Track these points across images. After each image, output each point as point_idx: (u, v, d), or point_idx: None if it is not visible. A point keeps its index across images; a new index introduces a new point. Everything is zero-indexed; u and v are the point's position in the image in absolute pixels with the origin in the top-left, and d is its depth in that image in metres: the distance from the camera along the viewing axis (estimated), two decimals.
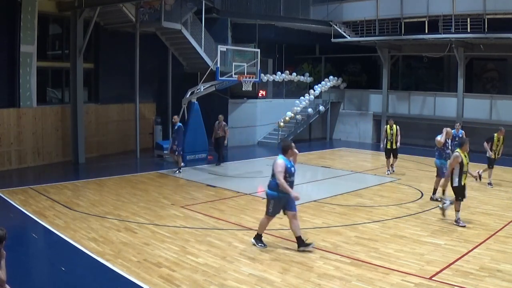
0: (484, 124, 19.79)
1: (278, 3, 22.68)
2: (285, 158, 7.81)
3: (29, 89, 15.57)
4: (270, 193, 7.87)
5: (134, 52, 17.48)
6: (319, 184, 14.26)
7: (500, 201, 11.43)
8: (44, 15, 16.45)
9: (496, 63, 22.30)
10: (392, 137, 14.92)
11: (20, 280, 6.34)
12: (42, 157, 15.97)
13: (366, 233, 8.88)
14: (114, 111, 18.73)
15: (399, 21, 20.69)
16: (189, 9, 19.15)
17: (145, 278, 6.69)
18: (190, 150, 16.82)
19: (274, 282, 6.60)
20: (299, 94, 23.81)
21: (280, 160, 7.76)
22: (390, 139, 14.94)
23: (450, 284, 6.49)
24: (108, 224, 9.28)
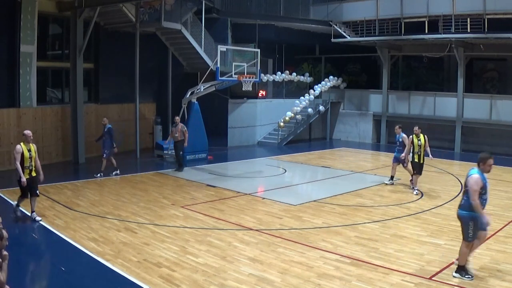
0: (484, 124, 19.79)
1: (278, 3, 22.68)
2: (480, 172, 6.84)
3: (29, 89, 15.57)
4: (466, 214, 6.68)
5: (134, 52, 17.48)
6: (319, 184, 14.26)
7: (500, 201, 11.42)
8: (44, 15, 16.45)
9: (496, 63, 22.28)
10: (420, 149, 12.27)
11: (20, 280, 6.34)
12: (42, 157, 15.80)
13: (366, 233, 8.88)
14: (114, 111, 18.71)
15: (399, 21, 20.69)
16: (189, 9, 19.16)
17: (145, 278, 6.69)
18: (190, 150, 16.82)
19: (274, 282, 6.60)
20: (299, 94, 23.80)
21: (476, 175, 6.74)
22: (418, 152, 12.27)
23: (450, 284, 6.49)
24: (108, 224, 9.29)
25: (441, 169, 15.94)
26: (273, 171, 15.80)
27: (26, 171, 9.27)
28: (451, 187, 13.12)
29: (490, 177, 10.86)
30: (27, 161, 9.26)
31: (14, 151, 9.27)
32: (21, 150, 9.17)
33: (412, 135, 12.32)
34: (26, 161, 9.22)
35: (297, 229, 9.13)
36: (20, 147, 9.20)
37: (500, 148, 19.71)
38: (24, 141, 9.25)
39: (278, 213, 10.32)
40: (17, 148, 9.20)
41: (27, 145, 9.27)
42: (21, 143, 9.25)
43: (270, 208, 10.79)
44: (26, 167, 9.28)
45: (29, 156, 9.28)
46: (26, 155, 9.20)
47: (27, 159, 9.23)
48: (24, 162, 9.20)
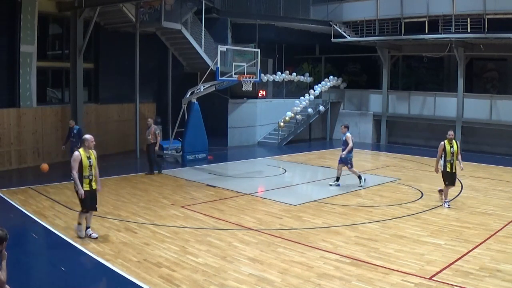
0: (484, 124, 19.79)
1: (278, 3, 22.68)
2: None
3: (29, 89, 15.56)
4: None
5: (134, 52, 17.48)
6: (319, 184, 14.25)
7: (500, 201, 11.42)
8: (44, 15, 16.45)
9: (496, 63, 22.29)
10: (453, 157, 10.74)
11: (20, 280, 6.34)
12: (42, 157, 15.95)
13: (366, 233, 8.88)
14: (114, 111, 18.72)
15: (399, 21, 20.69)
16: (189, 9, 19.16)
17: (145, 278, 6.69)
18: (190, 150, 16.84)
19: (274, 282, 6.60)
20: (299, 94, 23.81)
21: None
22: (450, 160, 10.72)
23: (450, 284, 6.49)
24: (108, 224, 9.28)
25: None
26: (273, 171, 15.80)
27: (86, 181, 8.18)
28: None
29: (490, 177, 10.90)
30: (87, 170, 8.19)
31: (72, 159, 8.17)
32: (79, 157, 8.12)
33: (444, 141, 10.72)
34: (85, 170, 8.16)
35: (297, 229, 9.13)
36: (78, 154, 8.14)
37: (500, 148, 19.73)
38: (84, 147, 8.25)
39: (278, 213, 10.32)
40: (75, 156, 8.13)
41: (87, 152, 8.24)
42: (80, 149, 8.26)
43: (270, 208, 10.79)
44: (86, 177, 8.20)
45: (89, 164, 8.20)
46: (85, 163, 8.15)
47: (86, 167, 8.17)
48: (83, 171, 8.15)
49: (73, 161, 8.10)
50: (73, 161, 8.11)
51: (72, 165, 8.11)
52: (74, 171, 8.08)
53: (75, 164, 8.07)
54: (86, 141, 8.26)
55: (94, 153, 8.35)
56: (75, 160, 8.09)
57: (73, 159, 8.11)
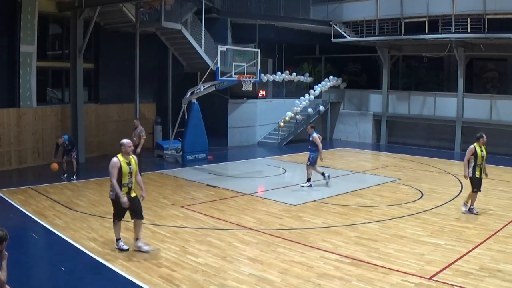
0: (484, 124, 19.78)
1: (278, 3, 22.68)
2: None
3: (29, 89, 15.57)
4: None
5: (134, 52, 17.48)
6: (319, 184, 14.23)
7: (500, 201, 11.42)
8: (44, 15, 16.45)
9: (496, 63, 22.28)
10: (483, 162, 10.15)
11: (20, 280, 6.34)
12: (42, 157, 15.96)
13: (366, 233, 8.88)
14: (114, 111, 18.72)
15: (399, 21, 20.68)
16: (189, 9, 19.15)
17: (145, 278, 6.69)
18: (190, 150, 16.84)
19: (274, 282, 6.60)
20: (299, 94, 23.80)
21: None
22: (480, 165, 10.07)
23: (450, 284, 6.49)
24: (108, 224, 9.27)
25: (441, 169, 15.94)
26: (273, 171, 15.80)
27: (125, 189, 7.61)
28: (451, 187, 13.11)
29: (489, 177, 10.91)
30: (126, 177, 7.59)
31: (110, 165, 7.56)
32: (118, 164, 7.54)
33: (473, 145, 10.14)
34: (125, 177, 7.57)
35: (297, 229, 9.13)
36: (117, 160, 7.58)
37: (500, 148, 19.70)
38: (123, 152, 7.69)
39: (278, 213, 10.32)
40: (114, 162, 7.56)
41: (126, 158, 7.66)
42: (118, 155, 7.69)
43: (270, 208, 10.79)
44: (125, 185, 7.62)
45: (129, 170, 7.62)
46: (125, 169, 7.56)
47: (126, 174, 7.58)
48: (122, 178, 7.56)
49: (111, 168, 7.53)
50: (111, 167, 7.53)
51: (110, 171, 7.54)
52: (113, 179, 7.50)
53: (114, 171, 7.51)
54: (123, 146, 7.66)
55: (134, 159, 7.81)
56: (114, 167, 7.53)
57: (111, 165, 7.54)
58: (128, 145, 7.70)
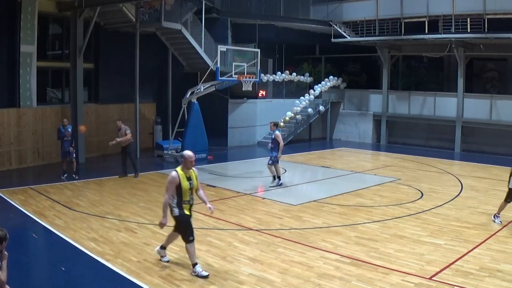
0: (484, 124, 19.79)
1: (278, 3, 22.68)
2: None
3: (29, 89, 15.57)
4: None
5: (134, 52, 17.48)
6: (319, 184, 14.25)
7: (500, 201, 11.36)
8: (44, 15, 16.45)
9: (496, 63, 22.28)
10: None
11: (20, 280, 6.34)
12: (42, 157, 15.97)
13: (366, 233, 8.88)
14: (114, 111, 18.71)
15: (399, 21, 20.68)
16: (189, 9, 19.15)
17: (145, 278, 6.69)
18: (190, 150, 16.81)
19: (274, 282, 6.60)
20: (299, 94, 23.80)
21: None
22: None
23: (450, 284, 6.49)
24: (108, 224, 9.28)
25: (441, 169, 15.94)
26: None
27: (186, 206, 6.82)
28: (451, 187, 13.12)
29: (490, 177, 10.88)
30: (187, 194, 6.79)
31: (168, 180, 6.78)
32: (177, 180, 6.72)
33: None
34: (185, 194, 6.77)
35: (297, 229, 9.13)
36: (176, 175, 6.75)
37: (500, 148, 19.72)
38: (183, 166, 6.87)
39: (278, 213, 10.32)
40: (173, 177, 6.74)
41: (187, 172, 6.84)
42: (178, 168, 6.87)
43: (270, 208, 10.79)
44: (186, 202, 6.82)
45: (189, 186, 6.80)
46: (185, 186, 6.74)
47: (187, 191, 6.77)
48: (183, 195, 6.76)
49: (169, 183, 6.75)
50: (169, 182, 6.75)
51: (166, 187, 6.81)
52: (167, 194, 6.76)
53: (172, 187, 6.73)
54: (185, 159, 6.85)
55: (195, 173, 6.98)
56: (172, 182, 6.72)
57: (169, 180, 6.75)
58: (191, 158, 6.86)
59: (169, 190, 6.75)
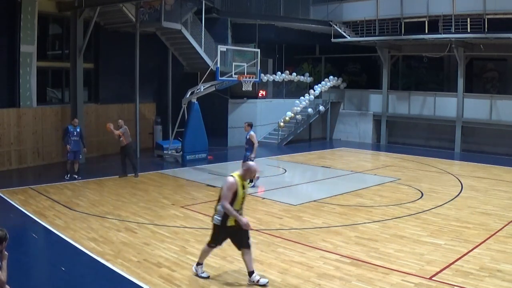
0: (484, 124, 19.79)
1: (278, 3, 22.68)
2: None
3: (29, 89, 15.57)
4: None
5: (134, 52, 17.48)
6: (319, 184, 14.25)
7: (500, 201, 11.42)
8: (44, 15, 16.45)
9: (496, 63, 22.28)
10: None
11: (20, 280, 6.34)
12: (42, 157, 15.97)
13: (366, 233, 8.88)
14: (114, 111, 18.70)
15: (399, 21, 20.68)
16: (189, 9, 19.15)
17: (145, 278, 6.69)
18: (190, 150, 16.84)
19: (274, 282, 6.60)
20: (299, 94, 23.80)
21: None
22: None
23: (450, 284, 6.49)
24: (108, 224, 9.28)
25: (441, 169, 15.94)
26: (273, 171, 15.79)
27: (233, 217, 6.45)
28: (451, 187, 13.12)
29: (490, 177, 10.90)
30: (239, 203, 6.45)
31: (226, 187, 6.38)
32: (235, 186, 6.37)
33: None
34: (238, 203, 6.42)
35: (297, 229, 9.13)
36: (235, 181, 6.39)
37: (500, 148, 19.73)
38: (243, 174, 6.52)
39: (278, 213, 10.32)
40: (231, 183, 6.37)
41: (244, 181, 6.54)
42: (236, 174, 6.48)
43: (270, 208, 10.79)
44: (237, 211, 6.45)
45: (243, 195, 6.50)
46: (240, 194, 6.42)
47: (240, 200, 6.44)
48: (234, 203, 6.38)
49: (227, 190, 6.37)
50: (227, 189, 6.37)
51: (224, 193, 6.38)
52: (225, 202, 6.34)
53: (229, 194, 6.35)
54: (249, 170, 6.53)
55: (247, 184, 6.73)
56: (231, 189, 6.36)
57: (228, 186, 6.36)
58: (255, 171, 6.62)
59: (228, 197, 6.33)
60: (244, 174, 6.51)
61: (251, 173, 6.57)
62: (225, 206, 6.33)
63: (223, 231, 6.53)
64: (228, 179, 6.43)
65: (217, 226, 6.54)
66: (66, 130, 13.74)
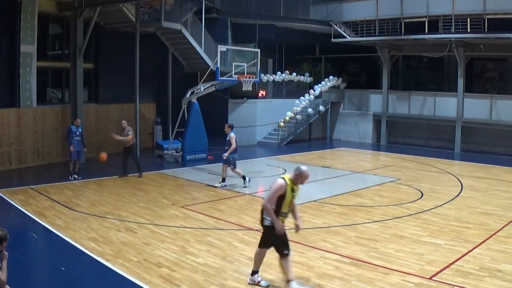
0: (484, 124, 19.79)
1: (278, 3, 22.68)
2: None
3: (29, 89, 15.57)
4: None
5: (134, 52, 17.48)
6: (319, 184, 14.24)
7: (500, 201, 11.42)
8: (44, 15, 16.45)
9: (496, 63, 22.28)
10: None
11: (20, 280, 6.34)
12: (42, 157, 15.97)
13: (366, 233, 8.88)
14: (114, 111, 18.71)
15: (399, 21, 20.68)
16: (189, 9, 19.15)
17: (145, 278, 6.69)
18: (190, 150, 16.84)
19: (274, 282, 6.60)
20: (299, 94, 23.80)
21: None
22: None
23: (450, 284, 6.49)
24: (108, 224, 9.28)
25: (441, 169, 15.94)
26: (273, 171, 15.78)
27: (281, 218, 6.34)
28: (451, 187, 13.12)
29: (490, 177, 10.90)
30: (287, 207, 6.35)
31: (274, 188, 6.22)
32: (284, 189, 6.21)
33: None
34: (285, 206, 6.31)
35: None
36: (285, 183, 6.23)
37: (500, 148, 19.73)
38: (294, 179, 6.32)
39: None
40: (281, 185, 6.21)
41: (294, 184, 6.38)
42: (287, 177, 6.34)
43: None
44: (283, 214, 6.36)
45: (291, 199, 6.38)
46: (288, 198, 6.28)
47: (287, 203, 6.32)
48: (282, 206, 6.28)
49: (273, 192, 6.20)
50: (273, 192, 6.20)
51: (270, 195, 6.21)
52: (267, 203, 6.20)
53: (274, 196, 6.19)
54: (301, 175, 6.32)
55: (298, 189, 6.50)
56: (277, 192, 6.20)
57: (276, 189, 6.19)
58: (307, 177, 6.34)
59: (271, 199, 6.20)
60: (296, 179, 6.32)
61: (303, 177, 6.33)
62: (265, 206, 6.21)
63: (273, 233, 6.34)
64: (277, 181, 6.26)
65: (268, 227, 6.36)
66: (69, 131, 13.74)
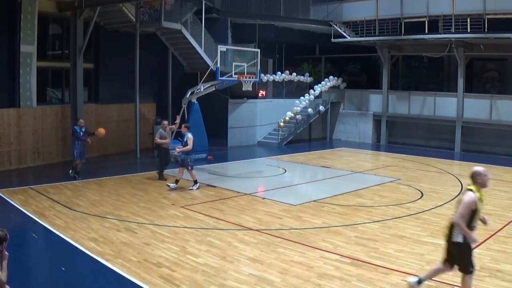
0: (484, 124, 19.79)
1: (278, 3, 22.67)
2: None
3: (29, 89, 15.56)
4: None
5: (134, 52, 17.48)
6: (319, 184, 14.25)
7: (500, 201, 11.42)
8: (44, 15, 16.45)
9: (496, 63, 22.28)
10: None
11: (20, 280, 6.34)
12: (42, 157, 15.97)
13: (366, 233, 8.88)
14: (114, 111, 18.72)
15: (399, 21, 20.68)
16: (189, 9, 19.16)
17: (145, 278, 6.69)
18: None
19: (274, 282, 6.60)
20: (299, 94, 23.80)
21: None
22: None
23: (450, 284, 6.50)
24: (108, 224, 9.28)
25: (441, 169, 15.94)
26: (273, 171, 15.79)
27: None
28: (451, 187, 13.11)
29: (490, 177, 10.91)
30: (477, 218, 5.75)
31: (466, 202, 5.61)
32: (475, 202, 5.60)
33: None
34: (476, 218, 5.72)
35: (297, 229, 9.13)
36: (475, 197, 5.60)
37: (500, 148, 19.73)
38: (478, 185, 5.70)
39: (278, 213, 10.32)
40: (472, 199, 5.59)
41: (481, 193, 5.74)
42: (473, 187, 5.70)
43: (270, 208, 10.79)
44: (473, 227, 5.76)
45: (480, 210, 5.72)
46: (479, 209, 5.67)
47: (478, 215, 5.74)
48: (473, 219, 5.69)
49: (467, 207, 5.59)
50: (467, 207, 5.59)
51: (463, 212, 5.60)
52: (460, 219, 5.60)
53: (467, 211, 5.60)
54: (481, 177, 5.71)
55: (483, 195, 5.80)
56: (470, 207, 5.60)
57: (469, 204, 5.58)
58: (487, 176, 5.74)
59: (465, 214, 5.60)
60: (481, 183, 5.74)
61: (485, 180, 5.72)
62: (459, 224, 5.62)
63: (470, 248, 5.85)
64: (468, 195, 5.65)
65: (460, 245, 5.79)
66: (74, 132, 13.69)
